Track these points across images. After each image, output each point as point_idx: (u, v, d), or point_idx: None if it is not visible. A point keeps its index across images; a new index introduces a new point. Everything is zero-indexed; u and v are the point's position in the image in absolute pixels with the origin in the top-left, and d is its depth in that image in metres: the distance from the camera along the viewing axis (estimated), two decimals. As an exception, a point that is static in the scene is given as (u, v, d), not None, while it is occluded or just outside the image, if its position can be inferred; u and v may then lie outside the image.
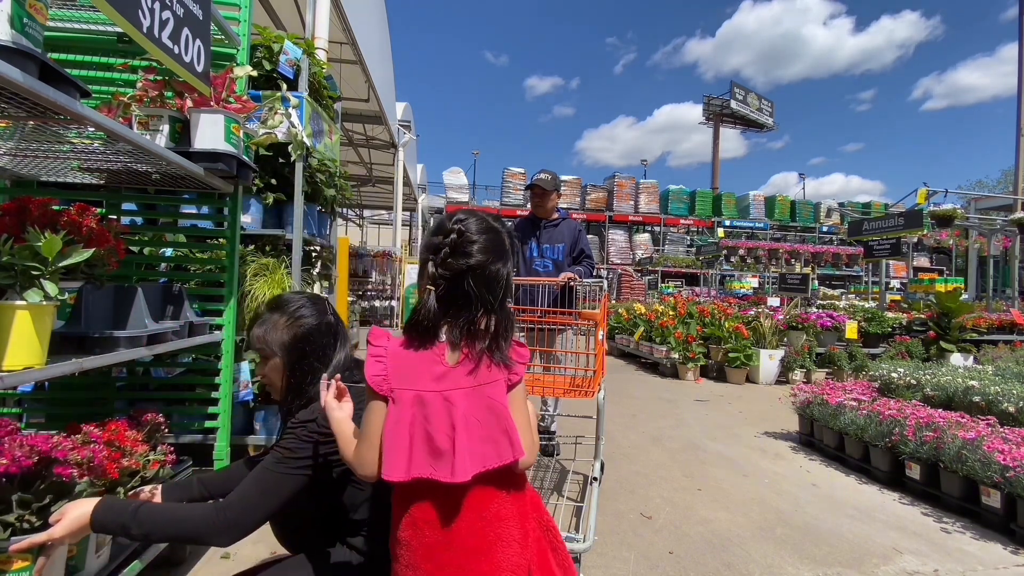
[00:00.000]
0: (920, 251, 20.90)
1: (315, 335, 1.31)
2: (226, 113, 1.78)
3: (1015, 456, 2.44)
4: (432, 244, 1.03)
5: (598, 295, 2.95)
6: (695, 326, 7.04)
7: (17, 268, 1.12)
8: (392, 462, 0.93)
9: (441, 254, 1.00)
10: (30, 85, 0.99)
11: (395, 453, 0.93)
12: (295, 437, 1.16)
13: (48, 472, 1.13)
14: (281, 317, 1.32)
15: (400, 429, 0.94)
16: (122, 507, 1.10)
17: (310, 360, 1.30)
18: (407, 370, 0.97)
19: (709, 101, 30.83)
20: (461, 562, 0.94)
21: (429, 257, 1.02)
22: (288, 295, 1.38)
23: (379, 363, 0.96)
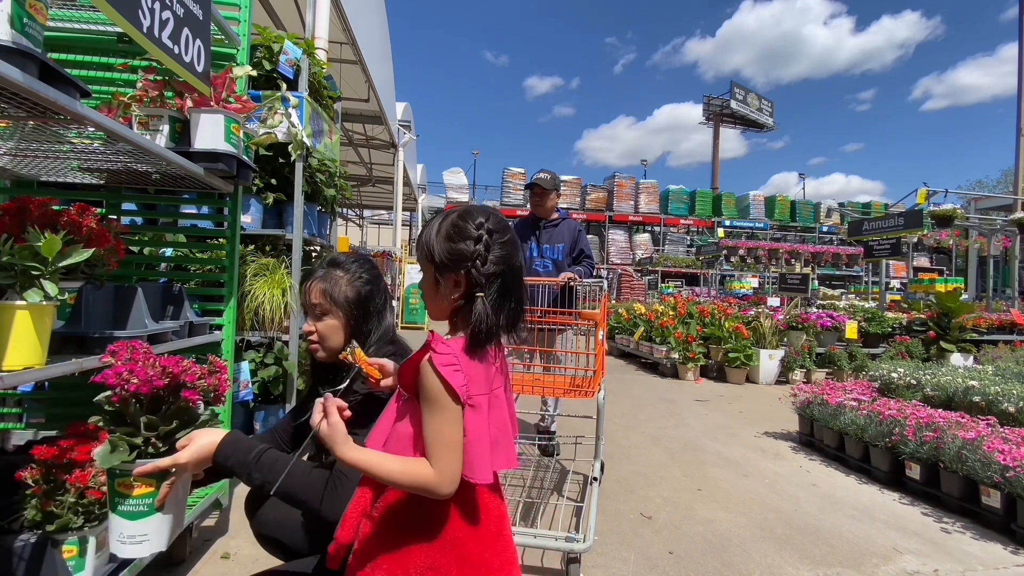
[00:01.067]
0: (920, 251, 20.90)
1: (376, 295, 1.34)
2: (226, 113, 1.78)
3: (1015, 456, 2.44)
4: (466, 252, 0.98)
5: (598, 295, 2.95)
6: (695, 326, 7.04)
7: (17, 268, 1.12)
8: (480, 465, 0.93)
9: (477, 260, 0.97)
10: (30, 85, 0.99)
11: (482, 457, 0.94)
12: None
13: (176, 397, 1.10)
14: (344, 274, 1.32)
15: (482, 433, 0.94)
16: (248, 446, 1.09)
17: (373, 319, 1.32)
18: (476, 374, 0.96)
19: (709, 101, 30.84)
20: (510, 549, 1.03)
21: (467, 266, 0.98)
22: (339, 254, 1.40)
23: (458, 373, 0.92)
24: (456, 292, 0.99)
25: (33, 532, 1.33)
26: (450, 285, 1.00)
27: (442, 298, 1.01)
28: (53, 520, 1.33)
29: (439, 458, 0.91)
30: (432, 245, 1.00)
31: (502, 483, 1.07)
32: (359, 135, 10.74)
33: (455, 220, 1.01)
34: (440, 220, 1.02)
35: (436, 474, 0.90)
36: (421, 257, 1.03)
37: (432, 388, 0.91)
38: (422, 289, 1.06)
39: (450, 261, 0.99)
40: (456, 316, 1.02)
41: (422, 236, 1.03)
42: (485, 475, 0.94)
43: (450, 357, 0.92)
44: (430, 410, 0.92)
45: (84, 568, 1.36)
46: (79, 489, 1.36)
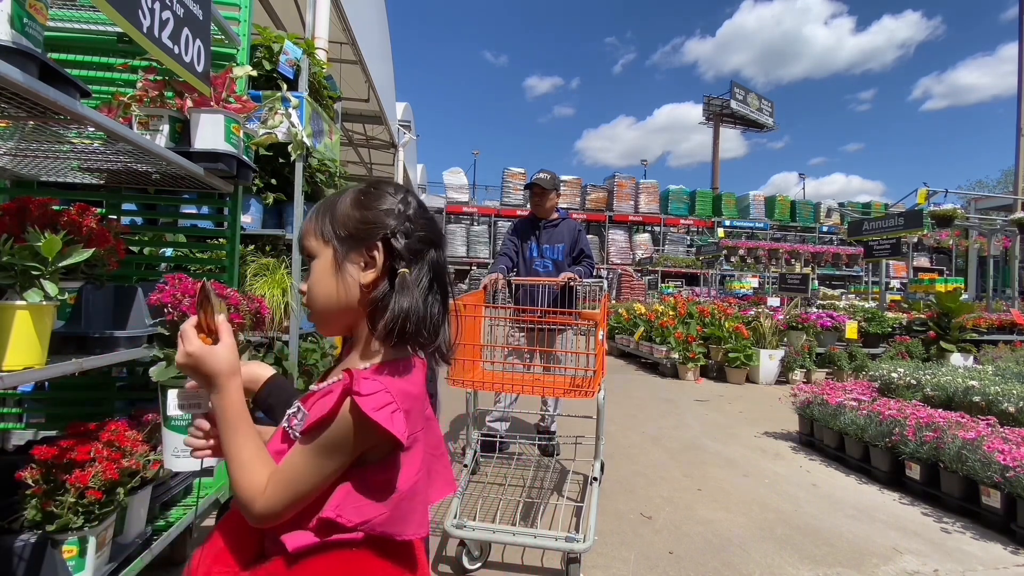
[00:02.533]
0: (920, 251, 20.90)
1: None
2: (226, 113, 1.78)
3: (1015, 456, 2.44)
4: (384, 219, 0.78)
5: (598, 295, 2.95)
6: (695, 326, 7.04)
7: (17, 268, 1.12)
8: (415, 516, 0.78)
9: (399, 231, 0.78)
10: (30, 85, 0.99)
11: (420, 506, 0.79)
12: None
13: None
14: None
15: (419, 476, 0.78)
16: (292, 393, 1.05)
17: None
18: (413, 405, 0.76)
19: (709, 101, 30.84)
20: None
21: (385, 234, 0.77)
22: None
23: (397, 414, 0.71)
24: (369, 274, 0.77)
25: (33, 532, 1.33)
26: (359, 265, 0.78)
27: (344, 291, 0.78)
28: (53, 520, 1.33)
29: (280, 486, 0.73)
30: (333, 216, 0.80)
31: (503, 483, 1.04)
32: (359, 135, 10.74)
33: (365, 188, 0.83)
34: (341, 193, 0.84)
35: (264, 493, 0.72)
36: (312, 239, 0.81)
37: (339, 435, 0.72)
38: (310, 289, 0.81)
39: (362, 231, 0.78)
40: (366, 319, 0.79)
41: (311, 215, 0.82)
42: (423, 525, 0.79)
43: (382, 395, 0.70)
44: (316, 449, 0.73)
45: (84, 568, 1.36)
46: (79, 489, 1.36)
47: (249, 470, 0.74)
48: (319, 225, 0.81)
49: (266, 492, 0.73)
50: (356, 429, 0.71)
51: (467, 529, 2.02)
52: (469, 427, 2.64)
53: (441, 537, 2.29)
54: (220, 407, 0.77)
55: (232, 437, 0.76)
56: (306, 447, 0.74)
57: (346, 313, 0.80)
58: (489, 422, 3.34)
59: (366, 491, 0.74)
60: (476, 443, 2.65)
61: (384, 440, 0.72)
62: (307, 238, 0.82)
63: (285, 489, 0.73)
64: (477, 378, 2.36)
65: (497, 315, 2.67)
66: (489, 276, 3.09)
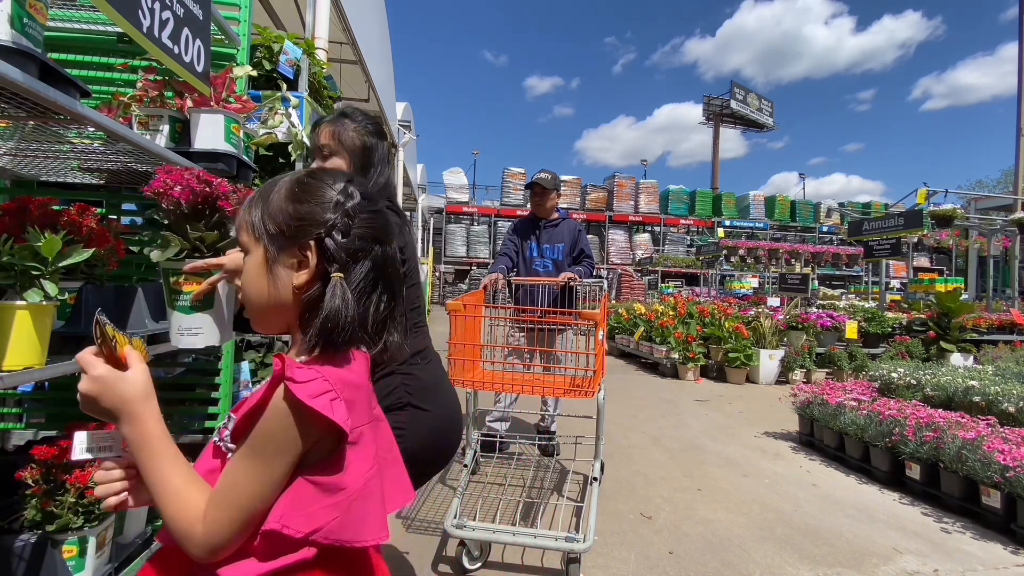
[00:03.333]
0: (920, 251, 20.90)
1: (379, 151, 1.44)
2: (226, 113, 1.78)
3: (1015, 456, 2.44)
4: (318, 216, 0.72)
5: (598, 295, 2.95)
6: (695, 326, 7.04)
7: (17, 268, 1.12)
8: (372, 520, 0.70)
9: (334, 229, 0.72)
10: (30, 85, 0.99)
11: (376, 508, 0.71)
12: None
13: (213, 209, 1.28)
14: (351, 123, 1.42)
15: (370, 475, 0.71)
16: None
17: (374, 167, 1.42)
18: (356, 398, 0.70)
19: (709, 101, 30.84)
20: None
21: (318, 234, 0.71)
22: (349, 107, 1.49)
23: (337, 402, 0.65)
24: (301, 276, 0.71)
25: (33, 532, 1.33)
26: (290, 266, 0.72)
27: (276, 291, 0.72)
28: (53, 520, 1.33)
29: (222, 507, 0.64)
30: (266, 209, 0.73)
31: (503, 483, 1.03)
32: (359, 135, 10.73)
33: (302, 178, 0.76)
34: (277, 181, 0.77)
35: (205, 519, 0.64)
36: (243, 234, 0.75)
37: (274, 429, 0.65)
38: (243, 286, 0.75)
39: (293, 228, 0.71)
40: (303, 321, 0.73)
41: (246, 206, 0.76)
42: (382, 529, 0.71)
43: (319, 383, 0.65)
44: (253, 453, 0.65)
45: (84, 568, 1.36)
46: (79, 489, 1.36)
47: (182, 497, 0.65)
48: (251, 218, 0.74)
49: (206, 518, 0.64)
50: (293, 421, 0.64)
51: (467, 529, 2.02)
52: (469, 427, 2.64)
53: (441, 537, 2.29)
54: (139, 435, 0.67)
55: (156, 465, 0.66)
56: (241, 454, 0.66)
57: (279, 313, 0.74)
58: (489, 422, 3.34)
59: (313, 495, 0.66)
60: (476, 443, 2.65)
61: (326, 433, 0.65)
62: (240, 231, 0.75)
63: (228, 509, 0.64)
64: (477, 378, 2.35)
65: (497, 315, 2.67)
66: (489, 276, 3.09)
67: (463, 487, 2.28)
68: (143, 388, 0.69)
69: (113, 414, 0.68)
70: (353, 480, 0.68)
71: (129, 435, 0.68)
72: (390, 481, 0.78)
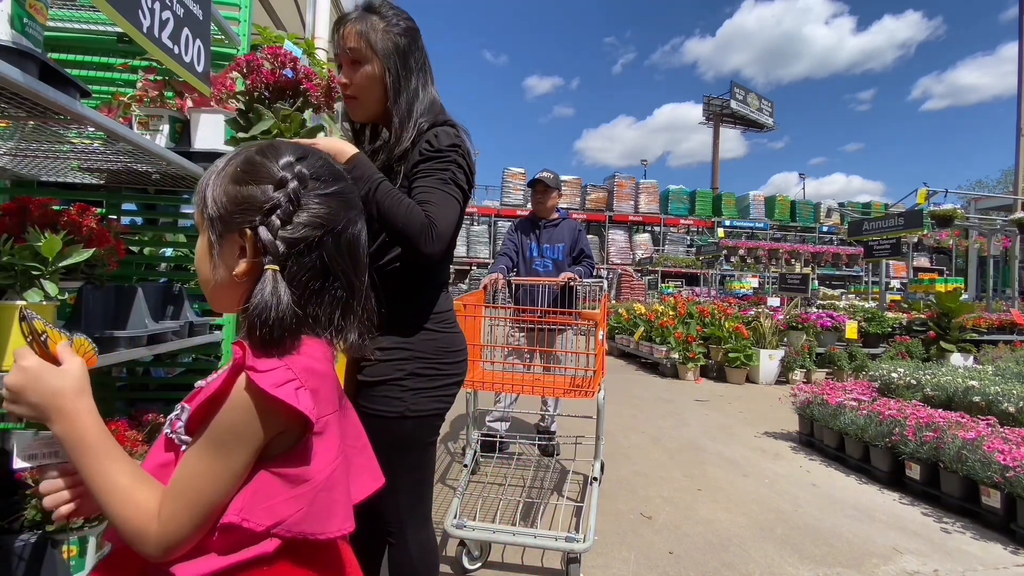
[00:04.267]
0: (920, 251, 20.90)
1: (416, 54, 1.23)
2: (226, 113, 1.78)
3: (1015, 456, 2.44)
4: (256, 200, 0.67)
5: (598, 295, 2.95)
6: (695, 326, 7.04)
7: (17, 268, 1.12)
8: (337, 509, 0.67)
9: (273, 214, 0.67)
10: (30, 85, 0.99)
11: (342, 497, 0.69)
12: (453, 163, 1.17)
13: (296, 92, 1.30)
14: (381, 21, 1.19)
15: (336, 465, 0.68)
16: (373, 168, 1.13)
17: (413, 74, 1.22)
18: (322, 386, 0.68)
19: (709, 101, 30.84)
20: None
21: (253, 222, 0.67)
22: (377, 1, 1.22)
23: (302, 391, 0.63)
24: (241, 265, 0.68)
25: (33, 532, 1.33)
26: (230, 253, 0.68)
27: (220, 276, 0.69)
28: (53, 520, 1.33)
29: (178, 502, 0.61)
30: (213, 190, 0.68)
31: (503, 483, 1.04)
32: (359, 135, 10.73)
33: (251, 155, 0.70)
34: (231, 156, 0.72)
35: (160, 517, 0.60)
36: (196, 212, 0.72)
37: (236, 420, 0.62)
38: (196, 263, 0.73)
39: (231, 214, 0.67)
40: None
41: (200, 182, 0.71)
42: (346, 520, 0.68)
43: (282, 371, 0.62)
44: (212, 445, 0.62)
45: (84, 568, 1.36)
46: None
47: (132, 495, 0.61)
48: (200, 199, 0.69)
49: (162, 515, 0.60)
50: (256, 411, 0.61)
51: (467, 529, 2.02)
52: (469, 427, 2.64)
53: (441, 537, 2.29)
54: (73, 434, 0.61)
55: (99, 464, 0.61)
56: (199, 446, 0.63)
57: (227, 296, 0.71)
58: (489, 422, 3.34)
59: (275, 487, 0.63)
60: (476, 443, 2.65)
61: (290, 423, 0.63)
62: (195, 209, 0.71)
63: (185, 504, 0.61)
64: (477, 378, 2.35)
65: (497, 315, 2.67)
66: (489, 276, 3.09)
67: (463, 487, 2.28)
68: (77, 382, 0.63)
69: (42, 411, 0.61)
70: (318, 471, 0.65)
71: (62, 434, 0.62)
72: (358, 470, 0.76)
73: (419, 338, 1.22)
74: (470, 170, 1.21)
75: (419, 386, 1.20)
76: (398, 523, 1.24)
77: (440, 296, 1.29)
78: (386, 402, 1.18)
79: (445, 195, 1.14)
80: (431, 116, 1.22)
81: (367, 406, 1.19)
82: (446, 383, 1.25)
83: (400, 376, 1.19)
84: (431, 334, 1.23)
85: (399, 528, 1.24)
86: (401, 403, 1.18)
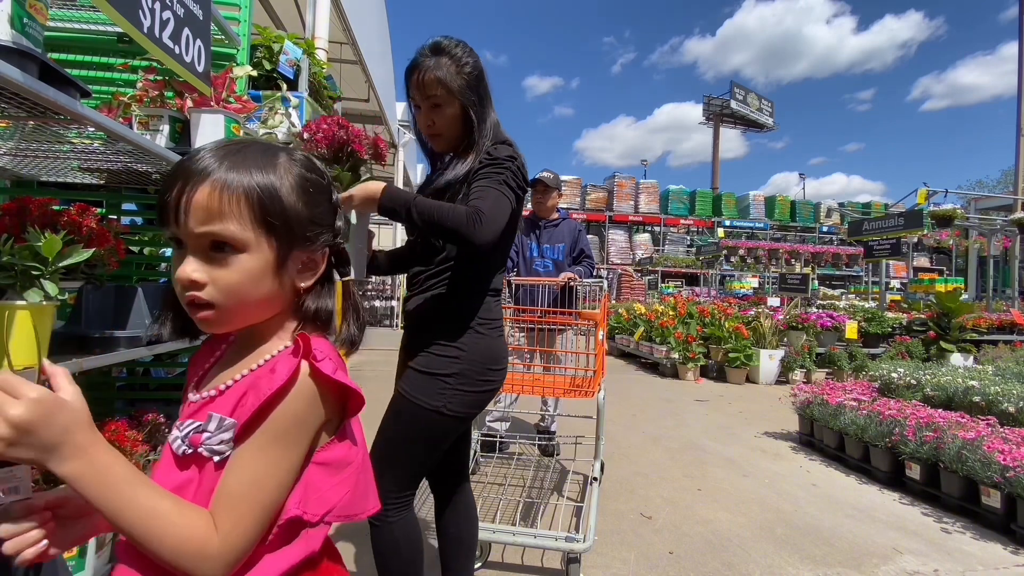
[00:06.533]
0: (920, 251, 20.89)
1: (485, 77, 1.36)
2: (226, 113, 1.78)
3: (1015, 456, 2.44)
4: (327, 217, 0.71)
5: (598, 295, 2.95)
6: (695, 326, 7.04)
7: (17, 268, 1.12)
8: (372, 490, 0.71)
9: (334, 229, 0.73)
10: (30, 85, 0.99)
11: (371, 477, 0.71)
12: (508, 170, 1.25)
13: (346, 152, 1.52)
14: (450, 62, 1.30)
15: (365, 447, 0.72)
16: (405, 192, 1.22)
17: (487, 105, 1.35)
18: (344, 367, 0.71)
19: (709, 101, 30.83)
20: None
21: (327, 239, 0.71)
22: (448, 40, 1.33)
23: (343, 372, 0.65)
24: (308, 278, 0.69)
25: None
26: (299, 266, 0.68)
27: (281, 293, 0.67)
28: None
29: (240, 510, 0.58)
30: (282, 201, 0.64)
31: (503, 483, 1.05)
32: (359, 135, 10.72)
33: (306, 174, 0.68)
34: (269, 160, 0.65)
35: (221, 530, 0.57)
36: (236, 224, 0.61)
37: (301, 409, 0.61)
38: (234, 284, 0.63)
39: (309, 231, 0.67)
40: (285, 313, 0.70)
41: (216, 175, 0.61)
42: (376, 497, 0.71)
43: (330, 361, 0.64)
44: (274, 441, 0.60)
45: (84, 568, 1.36)
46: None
47: (181, 516, 0.56)
48: (263, 200, 0.63)
49: (222, 528, 0.57)
50: (318, 398, 0.62)
51: (467, 529, 2.01)
52: (469, 427, 2.63)
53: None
54: (99, 467, 0.54)
55: (133, 493, 0.55)
56: (257, 445, 0.60)
57: (269, 309, 0.68)
58: (489, 422, 3.34)
59: (324, 474, 0.64)
60: (476, 443, 2.65)
61: (337, 407, 0.65)
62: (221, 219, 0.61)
63: (249, 509, 0.58)
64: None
65: (497, 315, 2.67)
66: (489, 276, 3.09)
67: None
68: (85, 411, 0.56)
69: (53, 450, 0.52)
70: (357, 453, 0.68)
71: (79, 472, 0.53)
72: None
73: (471, 340, 1.30)
74: (524, 179, 1.30)
75: (462, 386, 1.28)
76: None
77: (492, 302, 1.37)
78: (428, 393, 1.27)
79: (497, 192, 1.22)
80: (493, 136, 1.36)
81: (409, 391, 1.29)
82: (486, 389, 1.33)
83: (447, 373, 1.28)
84: (481, 338, 1.32)
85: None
86: (442, 397, 1.27)
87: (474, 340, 1.30)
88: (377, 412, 1.34)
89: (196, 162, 0.62)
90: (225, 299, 0.63)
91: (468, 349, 1.29)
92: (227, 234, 0.61)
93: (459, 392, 1.28)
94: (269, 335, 0.69)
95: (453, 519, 1.53)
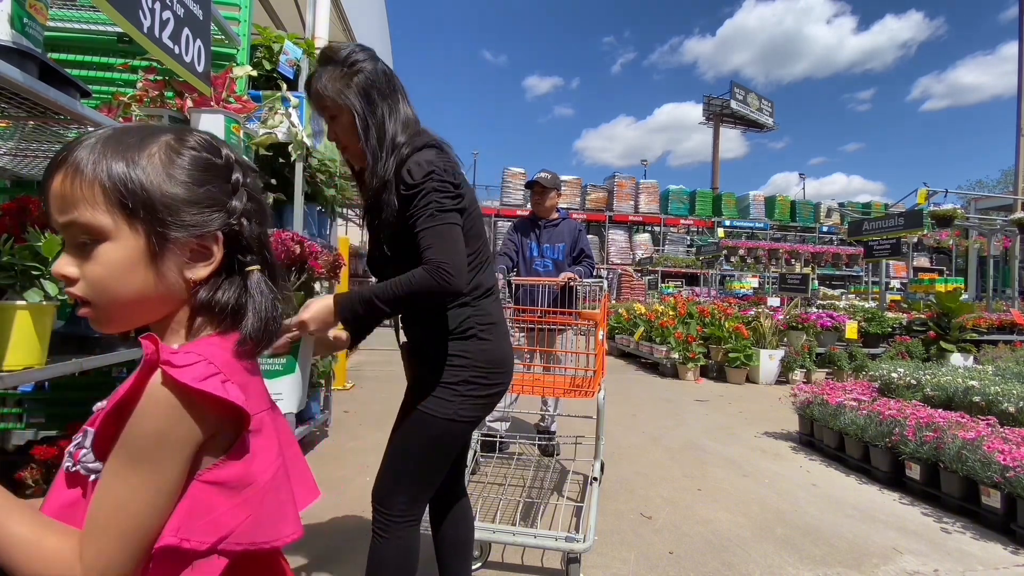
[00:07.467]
0: (920, 251, 20.89)
1: (377, 83, 1.22)
2: (226, 113, 1.78)
3: (1015, 456, 2.44)
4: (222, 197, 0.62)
5: (598, 295, 2.95)
6: (695, 326, 7.04)
7: (17, 268, 1.12)
8: (288, 513, 0.62)
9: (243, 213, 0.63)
10: (30, 85, 0.99)
11: (288, 500, 0.63)
12: (433, 191, 1.15)
13: (301, 269, 1.45)
14: (334, 69, 1.20)
15: (277, 465, 0.62)
16: (357, 293, 1.16)
17: (378, 106, 1.21)
18: (250, 383, 0.62)
19: (709, 101, 30.82)
20: None
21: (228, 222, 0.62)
22: (336, 44, 1.24)
23: (228, 384, 0.56)
24: (200, 268, 0.61)
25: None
26: (187, 255, 0.60)
27: (163, 286, 0.59)
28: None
29: (105, 537, 0.52)
30: (141, 182, 0.56)
31: (503, 483, 1.05)
32: (359, 135, 10.73)
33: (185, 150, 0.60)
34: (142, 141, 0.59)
35: (84, 559, 0.52)
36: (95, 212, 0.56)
37: (158, 425, 0.53)
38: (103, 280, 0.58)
39: (192, 215, 0.59)
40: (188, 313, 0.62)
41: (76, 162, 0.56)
42: (296, 524, 0.63)
43: (203, 366, 0.55)
44: (133, 459, 0.54)
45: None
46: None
47: (42, 548, 0.52)
48: (99, 188, 0.55)
49: (85, 558, 0.52)
50: (182, 410, 0.53)
51: (467, 529, 2.01)
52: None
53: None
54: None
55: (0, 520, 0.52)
56: (116, 464, 0.54)
57: (153, 309, 0.62)
58: (489, 422, 3.34)
59: (214, 496, 0.55)
60: (476, 443, 2.66)
61: (222, 421, 0.56)
62: (77, 206, 0.55)
63: (114, 536, 0.52)
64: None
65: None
66: (489, 276, 3.09)
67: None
68: None
69: None
70: (261, 471, 0.58)
71: None
72: (296, 481, 0.69)
73: (475, 347, 1.29)
74: (453, 184, 1.20)
75: (471, 393, 1.28)
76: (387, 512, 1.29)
77: (490, 304, 1.35)
78: (438, 403, 1.26)
79: (437, 229, 1.15)
80: (407, 136, 1.24)
81: (419, 404, 1.27)
82: (492, 392, 1.32)
83: (455, 381, 1.27)
84: (485, 343, 1.30)
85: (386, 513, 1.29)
86: (451, 406, 1.26)
87: (478, 347, 1.30)
88: (378, 412, 1.34)
89: (63, 149, 0.57)
90: (96, 294, 0.58)
91: (473, 356, 1.29)
92: (82, 221, 0.56)
93: (469, 398, 1.28)
94: (164, 335, 0.62)
95: (450, 521, 1.53)
